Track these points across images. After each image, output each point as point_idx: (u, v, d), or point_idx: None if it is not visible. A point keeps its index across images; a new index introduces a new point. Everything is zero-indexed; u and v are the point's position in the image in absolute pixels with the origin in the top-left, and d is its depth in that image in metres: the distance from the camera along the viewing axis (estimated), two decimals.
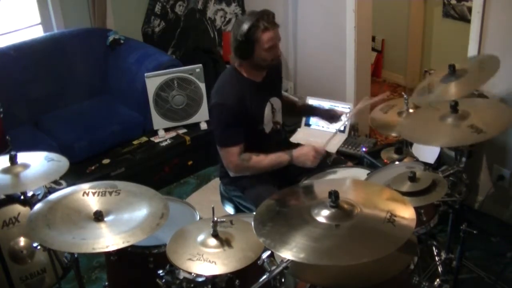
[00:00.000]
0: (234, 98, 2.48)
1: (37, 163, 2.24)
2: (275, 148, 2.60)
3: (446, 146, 2.63)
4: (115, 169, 3.55)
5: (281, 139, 2.77)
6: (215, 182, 3.02)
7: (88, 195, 1.98)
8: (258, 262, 1.76)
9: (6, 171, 2.19)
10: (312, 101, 3.83)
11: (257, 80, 2.57)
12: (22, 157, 2.25)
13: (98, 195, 1.98)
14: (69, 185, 3.10)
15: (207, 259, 1.76)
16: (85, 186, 2.02)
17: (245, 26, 2.37)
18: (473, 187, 3.26)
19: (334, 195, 1.65)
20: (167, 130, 3.89)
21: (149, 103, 3.80)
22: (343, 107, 3.73)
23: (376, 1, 3.85)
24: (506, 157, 3.10)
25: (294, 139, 3.47)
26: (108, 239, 1.78)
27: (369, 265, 1.58)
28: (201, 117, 3.91)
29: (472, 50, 3.01)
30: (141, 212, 1.91)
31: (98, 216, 1.86)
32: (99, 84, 4.12)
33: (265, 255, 1.76)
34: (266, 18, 2.39)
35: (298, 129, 3.82)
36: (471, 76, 2.46)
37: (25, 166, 2.21)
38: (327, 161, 2.68)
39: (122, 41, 4.07)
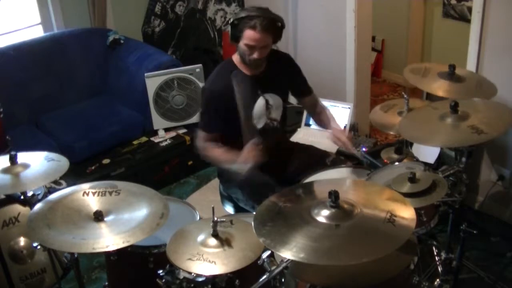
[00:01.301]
0: (221, 86, 2.53)
1: (37, 163, 2.24)
2: (269, 144, 2.57)
3: (447, 146, 2.63)
4: (115, 169, 3.55)
5: (276, 136, 2.72)
6: (215, 182, 3.02)
7: (88, 195, 1.98)
8: (258, 262, 1.76)
9: (6, 171, 2.19)
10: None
11: (248, 73, 2.57)
12: (22, 157, 2.25)
13: (98, 195, 1.98)
14: (69, 185, 3.10)
15: (207, 259, 1.76)
16: (85, 186, 2.02)
17: (242, 14, 2.44)
18: (473, 187, 3.26)
19: (334, 195, 1.65)
20: (167, 130, 3.89)
21: (149, 103, 3.80)
22: (343, 107, 3.73)
23: (376, 1, 3.85)
24: (506, 157, 3.10)
25: (294, 138, 3.47)
26: (108, 239, 1.78)
27: (369, 265, 1.58)
28: None
29: (472, 50, 3.01)
30: (141, 212, 1.91)
31: (98, 216, 1.86)
32: (99, 84, 4.12)
33: (265, 255, 1.76)
34: (261, 20, 2.40)
35: (298, 129, 3.82)
36: (466, 86, 2.48)
37: (25, 166, 2.21)
38: (326, 162, 2.68)
39: (122, 41, 4.07)
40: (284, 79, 2.71)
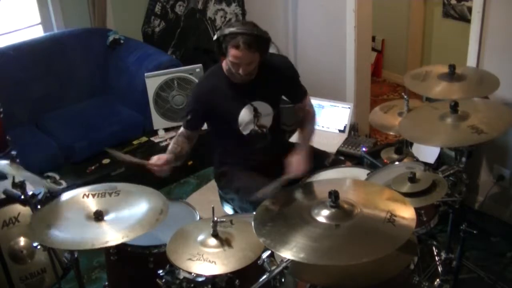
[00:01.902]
0: (206, 89, 2.59)
1: None
2: (256, 151, 2.59)
3: (447, 146, 2.63)
4: (115, 169, 3.54)
5: (266, 143, 2.65)
6: (215, 182, 3.02)
7: (88, 197, 1.98)
8: (258, 262, 1.76)
9: None
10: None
11: (234, 81, 2.53)
12: None
13: (97, 196, 1.99)
14: (69, 185, 3.09)
15: (207, 259, 1.76)
16: (84, 190, 2.03)
17: (225, 31, 2.38)
18: (473, 187, 3.26)
19: (334, 195, 1.65)
20: (167, 130, 3.89)
21: (149, 103, 3.80)
22: (343, 107, 3.73)
23: (376, 1, 3.85)
24: (506, 157, 3.10)
25: (294, 139, 3.46)
26: (108, 235, 1.78)
27: (369, 265, 1.58)
28: None
29: (472, 50, 3.01)
30: (140, 208, 1.91)
31: (98, 216, 1.86)
32: (99, 84, 4.12)
33: (265, 255, 1.76)
34: (244, 38, 2.34)
35: (298, 129, 3.81)
36: (468, 84, 2.48)
37: None
38: (325, 163, 2.67)
39: (122, 41, 4.07)
40: (276, 86, 2.62)
